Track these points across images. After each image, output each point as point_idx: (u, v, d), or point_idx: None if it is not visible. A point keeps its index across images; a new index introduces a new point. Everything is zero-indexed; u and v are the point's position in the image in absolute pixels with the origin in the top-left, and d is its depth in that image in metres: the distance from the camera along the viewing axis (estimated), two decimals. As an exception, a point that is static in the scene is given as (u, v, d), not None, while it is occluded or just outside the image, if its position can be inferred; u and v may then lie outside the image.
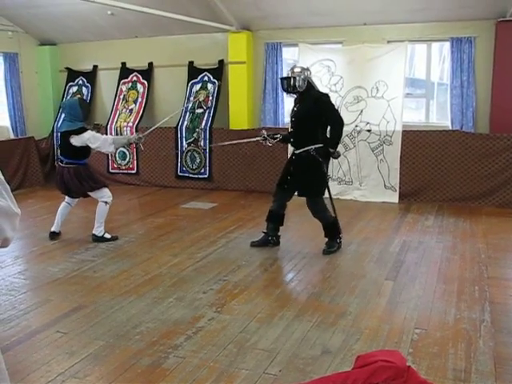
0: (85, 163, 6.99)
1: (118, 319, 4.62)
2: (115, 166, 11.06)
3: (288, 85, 6.21)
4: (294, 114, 6.37)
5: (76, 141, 6.73)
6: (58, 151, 7.20)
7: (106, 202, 6.96)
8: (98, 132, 7.35)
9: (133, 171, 10.94)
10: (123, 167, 11.01)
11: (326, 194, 6.50)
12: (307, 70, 6.32)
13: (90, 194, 7.00)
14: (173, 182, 10.62)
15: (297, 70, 6.24)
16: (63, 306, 4.91)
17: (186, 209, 8.85)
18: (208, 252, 6.49)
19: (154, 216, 8.34)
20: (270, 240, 6.63)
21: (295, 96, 6.37)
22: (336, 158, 6.36)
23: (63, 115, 6.94)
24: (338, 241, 6.45)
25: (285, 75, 6.28)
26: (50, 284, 5.51)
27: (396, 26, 9.18)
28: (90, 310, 4.83)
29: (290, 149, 6.84)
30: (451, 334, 4.24)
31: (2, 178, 1.71)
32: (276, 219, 6.60)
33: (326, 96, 6.32)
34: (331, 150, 6.14)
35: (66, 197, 7.14)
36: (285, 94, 10.06)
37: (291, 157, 6.44)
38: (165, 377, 3.66)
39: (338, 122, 6.16)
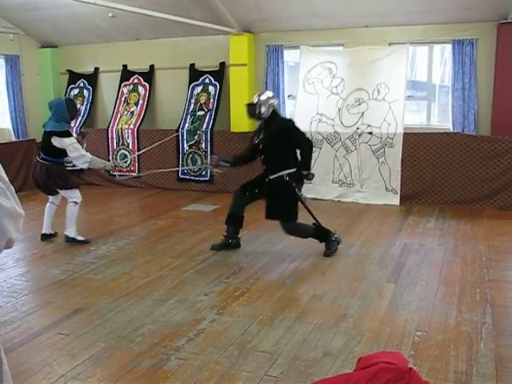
0: (61, 162, 6.96)
1: (119, 321, 4.62)
2: (117, 168, 11.05)
3: (253, 111, 6.30)
4: (260, 141, 6.39)
5: (57, 142, 6.72)
6: (39, 148, 7.18)
7: (75, 203, 6.91)
8: (83, 139, 7.37)
9: (134, 173, 10.95)
10: (124, 169, 11.01)
11: (331, 197, 6.51)
12: (273, 97, 6.39)
13: (60, 192, 6.98)
14: (174, 185, 10.62)
15: (263, 96, 6.31)
16: (65, 308, 4.91)
17: (188, 211, 8.85)
18: (209, 254, 6.48)
19: (156, 218, 8.34)
20: (231, 243, 6.66)
21: (261, 122, 6.45)
22: (310, 179, 6.40)
23: (51, 114, 6.90)
24: (334, 239, 6.44)
25: (252, 102, 6.36)
26: (51, 286, 5.51)
27: (397, 28, 9.19)
28: (92, 311, 4.83)
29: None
30: (452, 337, 4.24)
31: (7, 179, 1.71)
32: (235, 222, 6.63)
33: (290, 122, 6.41)
34: (304, 173, 6.17)
35: (49, 197, 7.13)
36: (286, 96, 10.15)
37: (264, 179, 6.38)
38: (166, 379, 3.66)
39: (306, 145, 6.20)
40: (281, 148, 6.18)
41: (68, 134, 6.81)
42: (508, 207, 8.48)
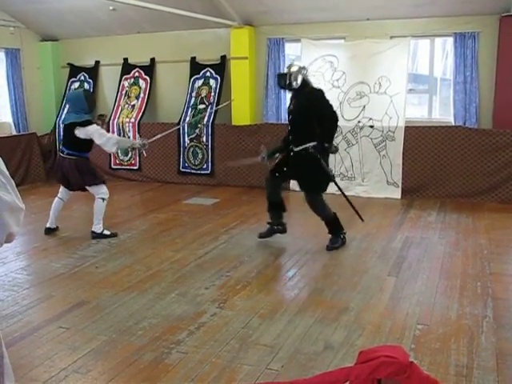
0: (86, 157, 6.98)
1: (120, 315, 4.62)
2: (117, 161, 11.06)
3: (284, 81, 6.22)
4: (289, 112, 6.39)
5: (80, 133, 6.72)
6: (61, 143, 7.15)
7: (103, 199, 6.93)
8: (103, 123, 7.33)
9: (135, 167, 10.95)
10: (125, 163, 11.01)
11: (332, 190, 6.50)
12: (304, 68, 6.31)
13: (88, 188, 6.97)
14: (175, 178, 10.62)
15: (294, 68, 6.24)
16: (66, 302, 4.91)
17: (188, 204, 8.85)
18: (210, 248, 6.49)
19: (156, 212, 8.34)
20: (276, 229, 6.62)
21: (292, 93, 6.37)
22: (334, 152, 6.36)
23: (68, 107, 6.89)
24: (342, 237, 6.44)
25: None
26: (52, 280, 5.52)
27: (399, 21, 9.15)
28: (93, 305, 4.84)
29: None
30: (453, 330, 4.24)
31: (7, 173, 1.70)
32: (276, 206, 6.59)
33: (319, 91, 6.29)
34: (326, 145, 6.11)
35: (60, 192, 7.13)
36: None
37: (289, 152, 6.37)
38: (167, 372, 3.66)
39: (329, 116, 6.12)
40: (308, 119, 6.10)
41: (90, 123, 6.80)
42: (509, 200, 8.47)
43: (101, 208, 6.95)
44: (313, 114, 6.08)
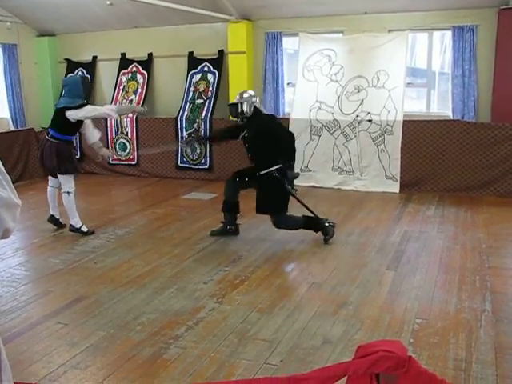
0: (70, 140, 6.93)
1: (118, 310, 4.62)
2: (115, 157, 11.03)
3: (235, 110, 6.39)
4: (245, 140, 6.48)
5: (73, 114, 6.59)
6: (49, 126, 7.05)
7: (68, 193, 6.80)
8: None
9: (133, 162, 10.93)
10: (123, 158, 10.99)
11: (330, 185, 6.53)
12: (254, 96, 6.45)
13: (58, 176, 6.86)
14: (173, 173, 10.60)
15: (245, 95, 6.39)
16: (64, 297, 4.91)
17: (187, 199, 8.85)
18: (208, 243, 6.48)
19: (155, 207, 8.33)
20: (229, 229, 6.71)
21: (244, 121, 6.45)
22: (295, 178, 6.53)
23: (63, 92, 6.83)
24: (327, 224, 6.43)
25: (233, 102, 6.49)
26: (50, 275, 5.51)
27: (397, 14, 9.12)
28: (91, 301, 4.83)
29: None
30: (452, 324, 4.24)
31: (3, 168, 1.69)
32: (230, 208, 6.70)
33: (270, 119, 6.55)
34: (288, 172, 6.30)
35: (49, 180, 7.07)
36: (286, 84, 10.11)
37: (255, 173, 6.40)
38: (166, 367, 3.66)
39: (287, 144, 6.33)
40: (265, 145, 6.22)
41: (85, 105, 6.69)
42: (508, 194, 8.47)
43: (69, 204, 6.83)
44: (269, 143, 6.18)
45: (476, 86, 8.88)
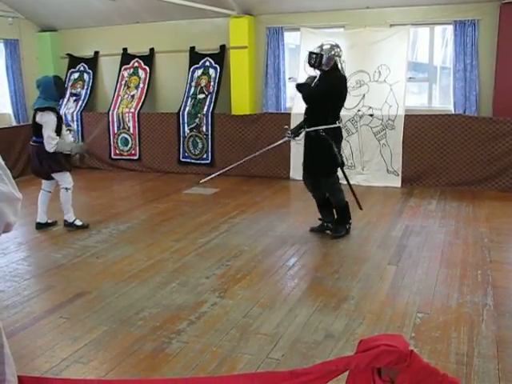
0: None
1: (120, 305, 4.63)
2: (117, 152, 11.05)
3: (313, 60, 6.06)
4: None
5: (39, 118, 6.58)
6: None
7: (66, 189, 6.83)
8: (69, 132, 7.27)
9: (135, 157, 10.93)
10: (125, 153, 11.00)
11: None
12: (336, 47, 6.13)
13: (53, 176, 6.85)
14: (175, 168, 10.61)
15: (326, 46, 6.09)
16: (66, 292, 4.92)
17: (189, 194, 8.85)
18: (210, 237, 6.49)
19: (157, 202, 8.34)
20: (326, 226, 6.53)
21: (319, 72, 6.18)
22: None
23: (38, 93, 6.75)
24: (348, 227, 6.45)
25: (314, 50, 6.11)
26: (53, 270, 5.53)
27: (398, 9, 9.11)
28: (93, 295, 4.85)
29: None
30: (454, 318, 4.25)
31: (3, 163, 1.70)
32: (324, 204, 6.52)
33: (335, 78, 6.15)
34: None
35: (43, 184, 7.02)
36: (287, 79, 10.10)
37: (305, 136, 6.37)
38: (168, 362, 3.68)
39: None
40: (321, 102, 6.06)
41: (50, 110, 6.60)
42: (509, 189, 8.46)
43: (66, 199, 6.87)
44: (329, 101, 6.06)
45: (477, 80, 8.86)
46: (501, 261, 5.57)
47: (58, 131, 6.69)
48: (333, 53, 6.07)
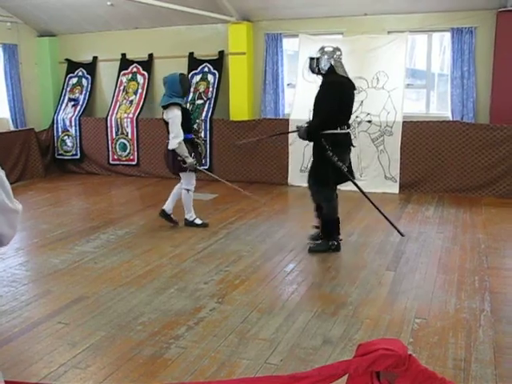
0: (185, 139, 6.82)
1: (119, 310, 4.63)
2: (115, 157, 11.06)
3: (312, 65, 6.03)
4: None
5: (165, 115, 6.80)
6: None
7: (187, 190, 7.10)
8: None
9: (133, 162, 10.95)
10: (123, 158, 11.01)
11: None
12: (334, 51, 6.02)
13: (180, 175, 7.08)
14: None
15: (325, 49, 6.01)
16: (64, 297, 4.92)
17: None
18: (209, 243, 6.50)
19: (155, 207, 8.32)
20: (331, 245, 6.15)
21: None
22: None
23: (164, 90, 6.93)
24: (332, 244, 6.07)
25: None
26: (51, 275, 5.53)
27: (396, 16, 9.16)
28: (91, 300, 4.85)
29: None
30: (451, 324, 4.26)
31: (2, 174, 1.65)
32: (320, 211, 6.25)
33: (329, 84, 5.99)
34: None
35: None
36: (285, 85, 10.13)
37: None
38: (166, 367, 3.68)
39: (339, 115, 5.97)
40: (320, 109, 5.94)
41: (174, 105, 6.72)
42: (507, 195, 8.50)
43: (185, 199, 7.15)
44: (322, 103, 5.93)
45: (475, 87, 8.91)
46: (498, 267, 5.59)
47: (186, 127, 6.84)
48: (328, 56, 5.97)
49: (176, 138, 6.69)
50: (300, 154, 9.60)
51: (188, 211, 7.22)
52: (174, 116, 6.67)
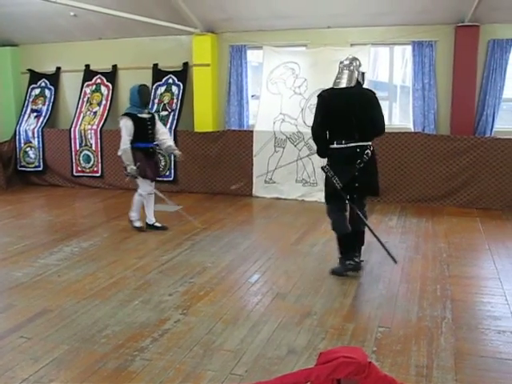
0: (137, 146, 7.26)
1: (83, 323, 4.58)
2: (79, 169, 10.95)
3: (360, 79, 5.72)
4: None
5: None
6: None
7: (140, 194, 7.50)
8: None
9: (97, 174, 10.85)
10: (87, 170, 10.91)
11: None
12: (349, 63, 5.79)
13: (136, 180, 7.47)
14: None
15: (355, 63, 5.77)
16: (27, 311, 4.84)
17: (152, 211, 8.80)
18: (173, 254, 6.48)
19: (119, 219, 8.28)
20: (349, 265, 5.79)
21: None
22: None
23: None
24: (349, 264, 5.70)
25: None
26: (13, 289, 5.44)
27: (359, 29, 9.31)
28: (55, 314, 4.78)
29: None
30: (414, 332, 4.33)
31: None
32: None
33: (319, 96, 5.79)
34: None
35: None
36: (250, 96, 10.18)
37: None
38: (131, 380, 3.65)
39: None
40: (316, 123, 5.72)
41: (125, 115, 7.27)
42: (467, 204, 8.68)
43: (136, 200, 7.55)
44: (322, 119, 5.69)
45: (436, 99, 9.11)
46: (459, 275, 5.70)
47: (140, 136, 7.25)
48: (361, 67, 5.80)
49: (123, 144, 7.21)
50: (264, 166, 9.66)
51: (133, 211, 7.56)
52: (122, 125, 7.20)
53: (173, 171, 10.31)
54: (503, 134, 8.79)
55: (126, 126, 7.17)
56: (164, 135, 7.64)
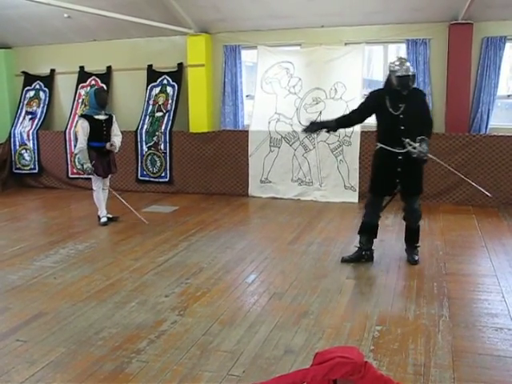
0: (91, 145, 7.72)
1: (79, 325, 4.57)
2: (75, 171, 10.93)
3: (408, 83, 5.80)
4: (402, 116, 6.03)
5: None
6: None
7: (92, 189, 8.12)
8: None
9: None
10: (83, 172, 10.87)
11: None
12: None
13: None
14: (133, 186, 10.55)
15: (408, 63, 5.81)
16: (23, 314, 4.83)
17: (147, 213, 8.79)
18: (170, 255, 6.47)
19: (115, 220, 8.26)
20: (364, 255, 6.12)
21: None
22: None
23: None
24: (361, 251, 6.10)
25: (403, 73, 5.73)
26: (9, 292, 5.42)
27: (353, 28, 9.31)
28: (51, 316, 4.77)
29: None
30: (411, 330, 4.33)
31: None
32: (370, 230, 6.25)
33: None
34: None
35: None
36: (245, 96, 10.15)
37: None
38: (128, 382, 3.64)
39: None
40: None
41: (81, 117, 7.79)
42: (463, 202, 8.68)
43: (94, 198, 8.14)
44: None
45: (430, 97, 9.10)
46: (456, 272, 5.71)
47: (94, 136, 7.69)
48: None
49: (79, 144, 7.71)
50: (260, 166, 9.66)
51: (98, 209, 8.08)
52: (78, 126, 7.76)
53: (168, 172, 10.29)
54: (498, 131, 8.81)
55: (83, 127, 7.63)
56: (115, 137, 8.02)
